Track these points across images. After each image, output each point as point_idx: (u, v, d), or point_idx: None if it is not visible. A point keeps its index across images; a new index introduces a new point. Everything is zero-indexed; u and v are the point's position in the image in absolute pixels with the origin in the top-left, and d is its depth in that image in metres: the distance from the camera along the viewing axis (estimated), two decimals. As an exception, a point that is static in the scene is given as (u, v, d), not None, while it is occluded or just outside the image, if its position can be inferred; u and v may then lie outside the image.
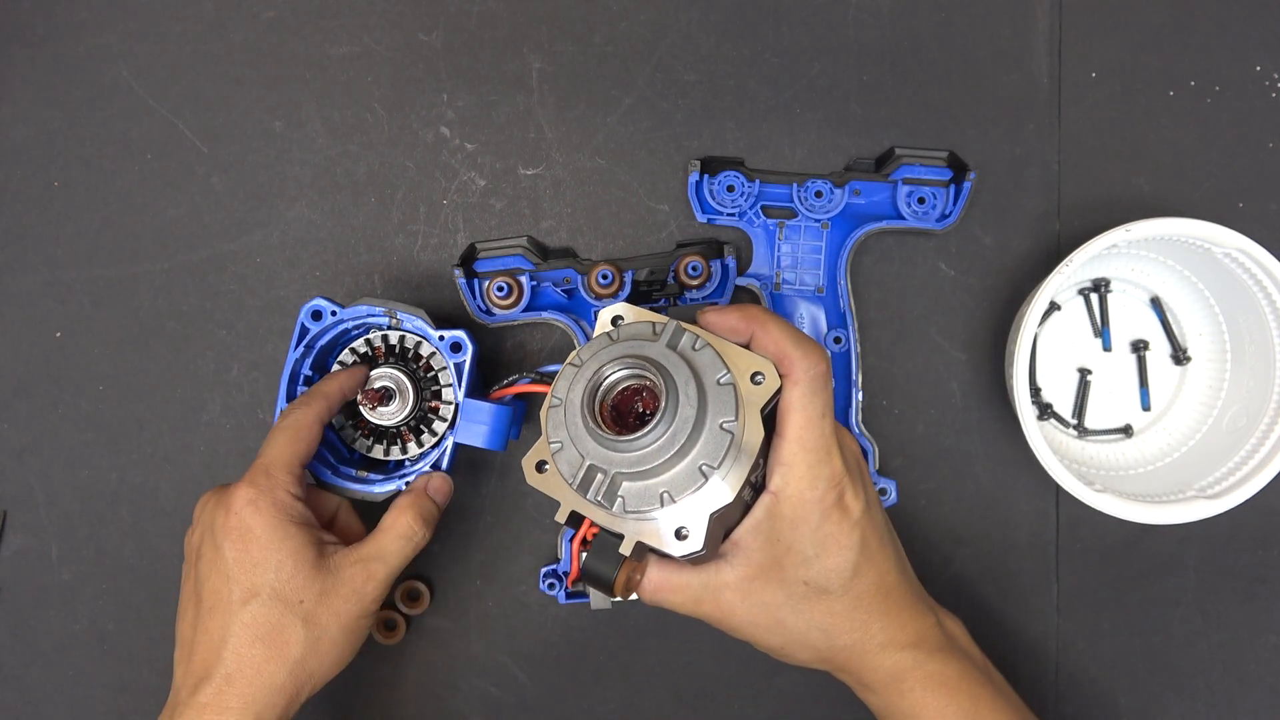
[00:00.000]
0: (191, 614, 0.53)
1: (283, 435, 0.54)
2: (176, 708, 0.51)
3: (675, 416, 0.44)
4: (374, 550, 0.55)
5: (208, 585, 0.52)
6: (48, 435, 0.67)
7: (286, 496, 0.53)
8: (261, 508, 0.52)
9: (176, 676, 0.53)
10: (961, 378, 0.66)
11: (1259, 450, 0.59)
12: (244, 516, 0.52)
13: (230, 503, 0.52)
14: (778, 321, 0.48)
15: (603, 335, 0.48)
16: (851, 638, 0.51)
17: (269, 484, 0.53)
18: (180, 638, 0.54)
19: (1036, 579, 0.66)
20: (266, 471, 0.53)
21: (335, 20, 0.66)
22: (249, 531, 0.52)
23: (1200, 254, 0.60)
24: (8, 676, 0.67)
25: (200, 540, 0.54)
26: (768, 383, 0.47)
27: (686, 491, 0.45)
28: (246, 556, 0.52)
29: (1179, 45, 0.65)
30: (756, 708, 0.66)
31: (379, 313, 0.59)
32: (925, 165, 0.63)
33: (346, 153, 0.66)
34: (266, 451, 0.54)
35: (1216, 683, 0.66)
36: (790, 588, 0.49)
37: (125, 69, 0.67)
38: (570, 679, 0.67)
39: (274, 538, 0.52)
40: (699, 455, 0.45)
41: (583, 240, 0.66)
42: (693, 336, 0.47)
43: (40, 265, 0.67)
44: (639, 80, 0.66)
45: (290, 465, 0.54)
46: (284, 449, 0.54)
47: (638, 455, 0.44)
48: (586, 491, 0.45)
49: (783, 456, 0.48)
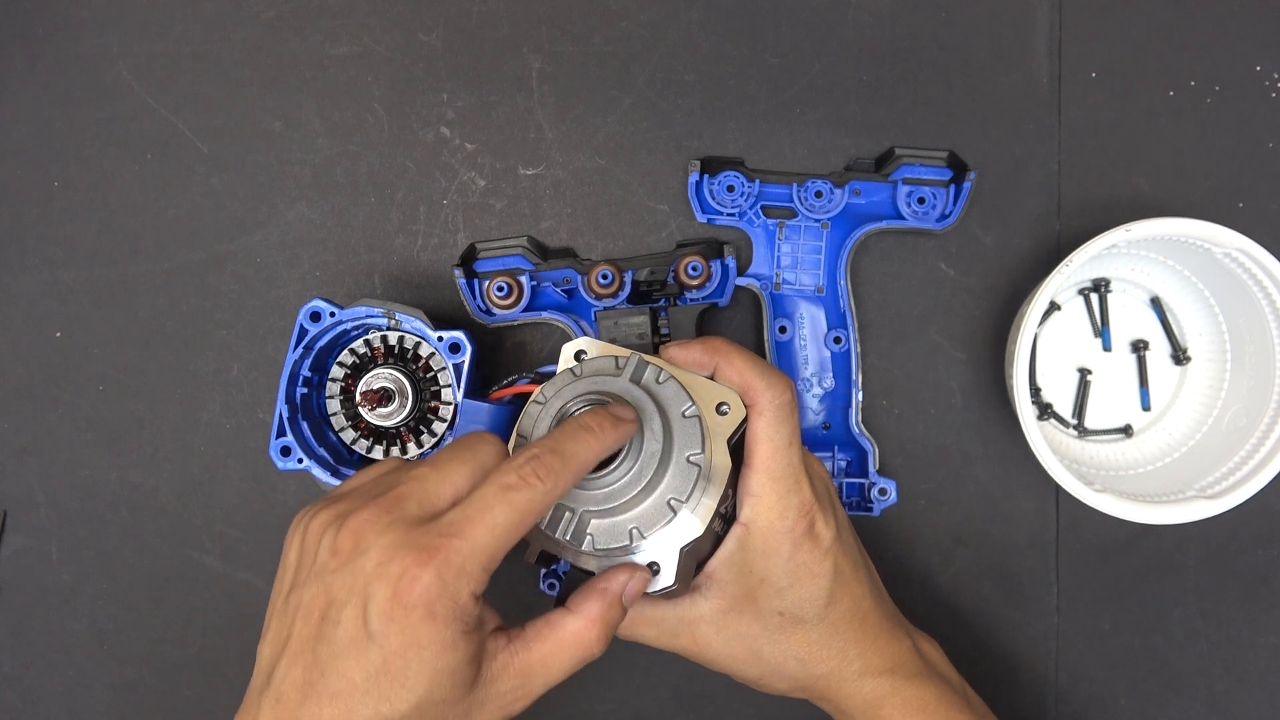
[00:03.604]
0: (300, 674, 0.40)
1: (506, 518, 0.40)
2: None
3: (641, 452, 0.44)
4: (538, 662, 0.43)
5: (337, 664, 0.39)
6: (48, 435, 0.67)
7: (471, 602, 0.40)
8: (439, 616, 0.39)
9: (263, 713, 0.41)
10: (961, 378, 0.66)
11: (1259, 450, 0.59)
12: (414, 619, 0.38)
13: (405, 590, 0.38)
14: (741, 352, 0.48)
15: (566, 372, 0.48)
16: (828, 666, 0.50)
17: (457, 585, 0.39)
18: (275, 680, 0.40)
19: (1036, 579, 0.66)
20: (463, 569, 0.39)
21: (335, 20, 0.66)
22: (415, 640, 0.38)
23: (1200, 254, 0.60)
24: (8, 676, 0.67)
25: (345, 599, 0.39)
26: (733, 413, 0.47)
27: (656, 527, 0.45)
28: (402, 668, 0.38)
29: (1179, 45, 0.65)
30: (756, 708, 0.66)
31: (378, 313, 0.59)
32: (925, 165, 0.63)
33: (346, 153, 0.66)
34: (472, 533, 0.40)
35: (1216, 683, 0.66)
36: (765, 619, 0.49)
37: (125, 69, 0.67)
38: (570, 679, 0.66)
39: (440, 656, 0.39)
40: (667, 489, 0.45)
41: (583, 240, 0.66)
42: (656, 370, 0.47)
43: (40, 265, 0.67)
44: (639, 80, 0.66)
45: (494, 562, 0.41)
46: (499, 541, 0.40)
47: (605, 493, 0.44)
48: (555, 530, 0.45)
49: (751, 487, 0.48)
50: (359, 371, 0.60)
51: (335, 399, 0.60)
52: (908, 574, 0.66)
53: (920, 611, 0.64)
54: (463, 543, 0.39)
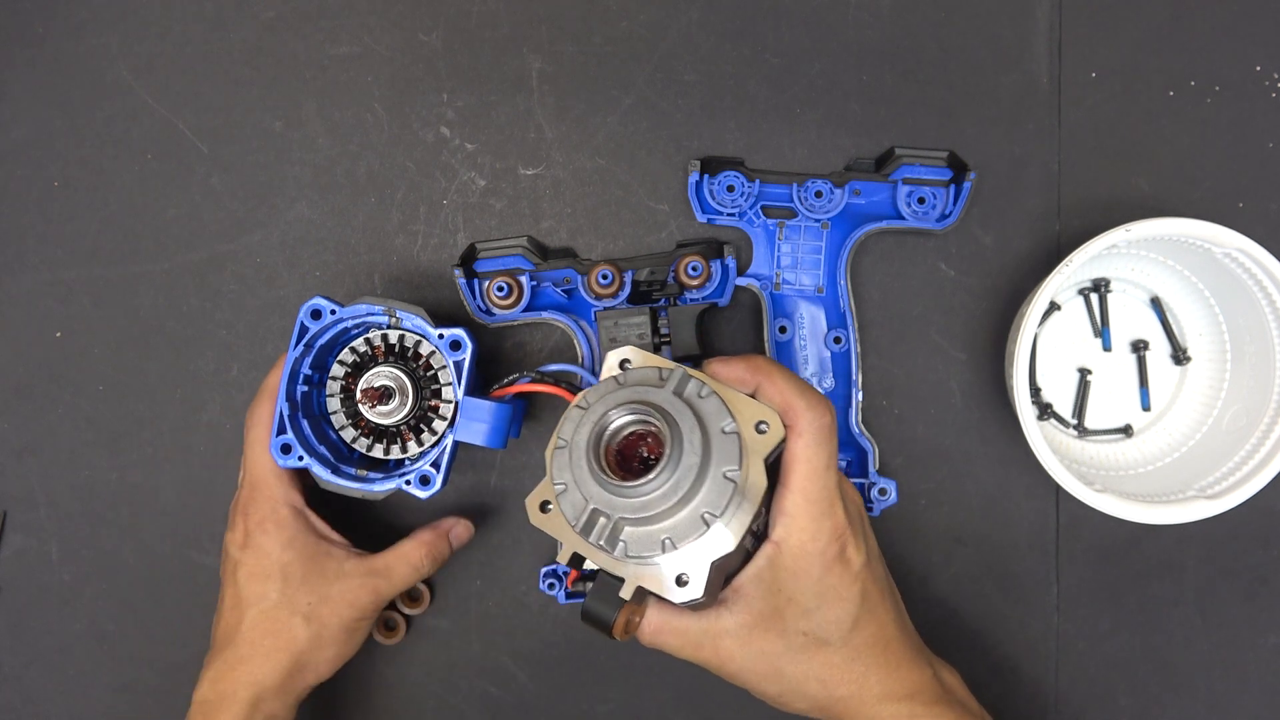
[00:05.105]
0: (229, 602, 0.59)
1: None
2: (203, 670, 0.58)
3: (679, 464, 0.45)
4: (382, 567, 0.60)
5: (231, 587, 0.59)
6: (48, 435, 0.67)
7: (287, 511, 0.59)
8: (268, 527, 0.58)
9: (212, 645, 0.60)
10: (961, 378, 0.66)
11: (1259, 450, 0.59)
12: (254, 535, 0.58)
13: (239, 523, 0.59)
14: (784, 372, 0.48)
15: (610, 379, 0.48)
16: (849, 689, 0.51)
17: (267, 513, 0.59)
18: (218, 616, 0.60)
19: (1036, 579, 0.66)
20: (258, 508, 0.59)
21: (335, 20, 0.66)
22: (259, 547, 0.58)
23: (1200, 254, 0.60)
24: (8, 676, 0.67)
25: (228, 548, 0.60)
26: (772, 432, 0.47)
27: (688, 539, 0.45)
28: (259, 567, 0.58)
29: (1179, 45, 0.65)
30: (756, 708, 0.66)
31: (378, 311, 0.59)
32: (925, 165, 0.63)
33: (346, 153, 0.66)
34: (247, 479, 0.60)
35: (1216, 683, 0.66)
36: (789, 638, 0.50)
37: (125, 69, 0.67)
38: (570, 679, 0.67)
39: (281, 550, 0.58)
40: (701, 503, 0.45)
41: (583, 240, 0.66)
42: (699, 384, 0.47)
43: (40, 265, 0.67)
44: (639, 80, 0.66)
45: (276, 489, 0.59)
46: (262, 472, 0.59)
47: (640, 501, 0.45)
48: (589, 535, 0.46)
49: (786, 507, 0.48)
50: (359, 370, 0.60)
51: (335, 397, 0.60)
52: (908, 574, 0.66)
53: (920, 611, 0.64)
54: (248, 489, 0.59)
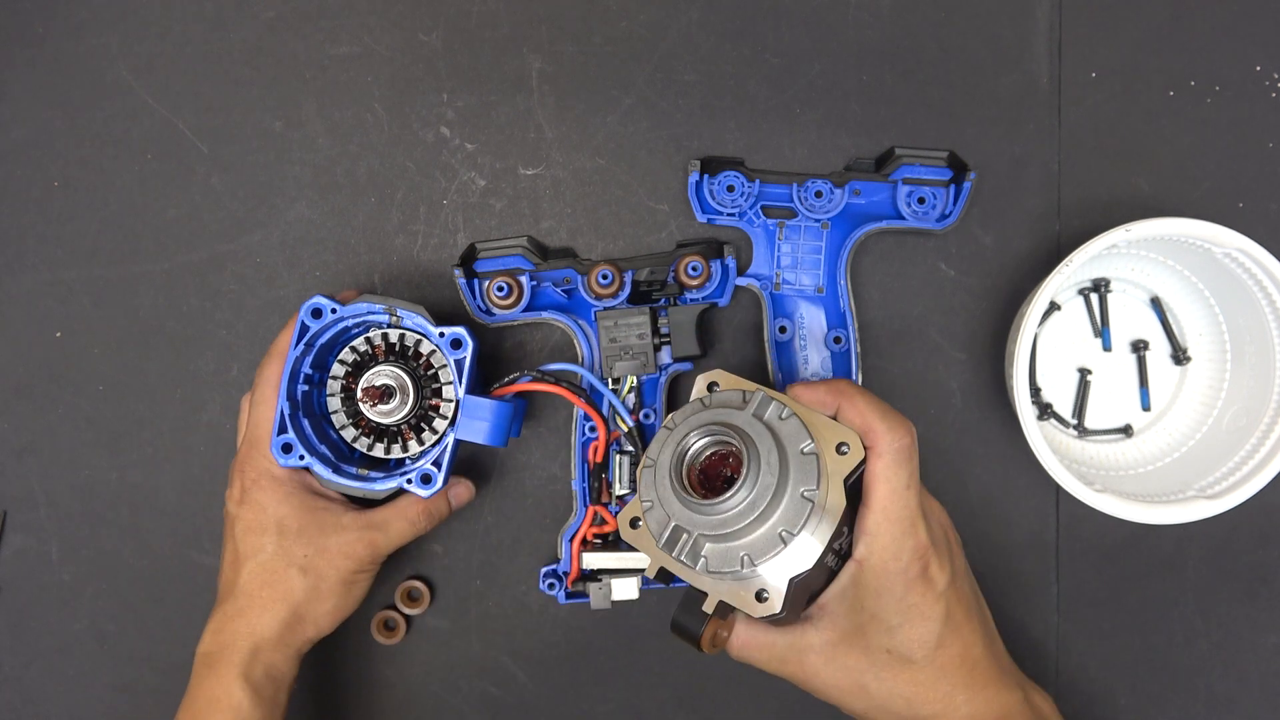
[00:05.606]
0: (229, 557, 0.60)
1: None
2: (210, 618, 0.59)
3: (756, 483, 0.46)
4: (379, 521, 0.59)
5: (230, 543, 0.60)
6: (48, 435, 0.67)
7: (281, 471, 0.59)
8: (264, 483, 0.58)
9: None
10: (961, 378, 0.66)
11: (1259, 450, 0.59)
12: (250, 491, 0.59)
13: (236, 480, 0.60)
14: (864, 395, 0.49)
15: (696, 401, 0.50)
16: (935, 709, 0.51)
17: (268, 458, 0.59)
18: (220, 571, 0.61)
19: (1036, 579, 0.66)
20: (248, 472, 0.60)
21: (335, 20, 0.67)
22: (256, 502, 0.59)
23: (1200, 254, 0.60)
24: (8, 676, 0.67)
25: (227, 504, 0.61)
26: (852, 453, 0.48)
27: (766, 556, 0.46)
28: (255, 521, 0.58)
29: (1179, 45, 0.65)
30: (756, 708, 0.66)
31: (379, 310, 0.59)
32: (925, 165, 0.63)
33: (346, 153, 0.66)
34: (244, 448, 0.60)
35: (1216, 683, 0.66)
36: (873, 655, 0.50)
37: (125, 69, 0.67)
38: (570, 679, 0.67)
39: (277, 504, 0.59)
40: (779, 521, 0.47)
41: (583, 240, 0.66)
42: (780, 406, 0.48)
43: (40, 265, 0.67)
44: (639, 80, 0.66)
45: (263, 462, 0.60)
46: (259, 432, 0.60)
47: (719, 519, 0.46)
48: (672, 550, 0.47)
49: (867, 526, 0.49)
50: (360, 369, 0.60)
51: (336, 396, 0.60)
52: (908, 574, 0.66)
53: (920, 611, 0.64)
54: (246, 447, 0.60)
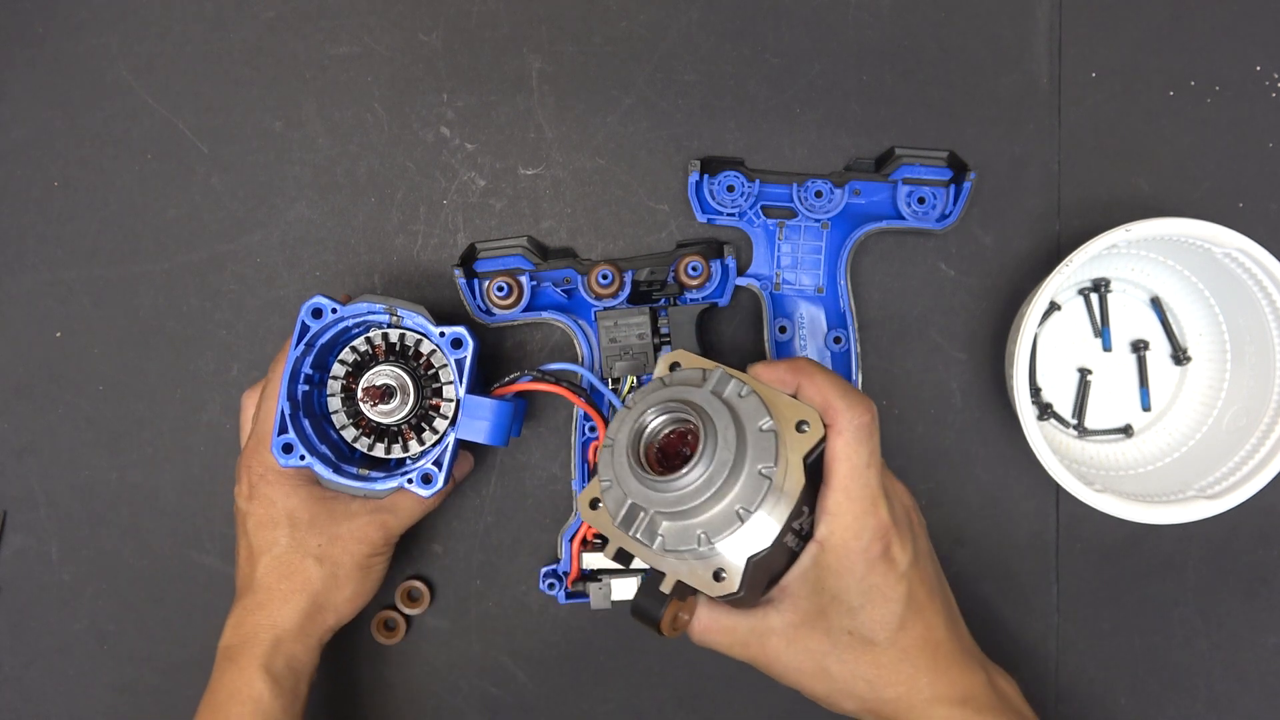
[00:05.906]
0: (244, 553, 0.60)
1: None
2: (230, 613, 0.60)
3: (712, 459, 0.45)
4: (388, 504, 0.60)
5: (244, 539, 0.60)
6: (48, 435, 0.67)
7: (293, 471, 0.60)
8: (270, 478, 0.59)
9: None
10: (961, 378, 0.66)
11: (1259, 450, 0.59)
12: (258, 487, 0.59)
13: (244, 476, 0.60)
14: (825, 373, 0.49)
15: (656, 380, 0.50)
16: (897, 690, 0.50)
17: (270, 459, 0.59)
18: (237, 568, 0.61)
19: (1036, 579, 0.66)
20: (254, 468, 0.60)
21: (335, 20, 0.66)
22: (264, 497, 0.59)
23: (1200, 254, 0.60)
24: (8, 676, 0.67)
25: (237, 501, 0.61)
26: (811, 431, 0.48)
27: (723, 533, 0.46)
28: (266, 515, 0.59)
29: (1179, 45, 0.65)
30: (757, 708, 0.66)
31: (379, 310, 0.59)
32: (925, 165, 0.63)
33: (346, 153, 0.66)
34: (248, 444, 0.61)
35: (1216, 683, 0.66)
36: (835, 636, 0.50)
37: (125, 69, 0.67)
38: (570, 679, 0.67)
39: (285, 497, 0.59)
40: (736, 498, 0.46)
41: (583, 240, 0.66)
42: (739, 384, 0.48)
43: (40, 265, 0.67)
44: (639, 80, 0.66)
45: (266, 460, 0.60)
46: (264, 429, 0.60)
47: (675, 495, 0.46)
48: (629, 528, 0.47)
49: (828, 505, 0.48)
50: (360, 369, 0.60)
51: (336, 396, 0.60)
52: (908, 574, 0.66)
53: (920, 611, 0.64)
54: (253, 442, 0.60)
